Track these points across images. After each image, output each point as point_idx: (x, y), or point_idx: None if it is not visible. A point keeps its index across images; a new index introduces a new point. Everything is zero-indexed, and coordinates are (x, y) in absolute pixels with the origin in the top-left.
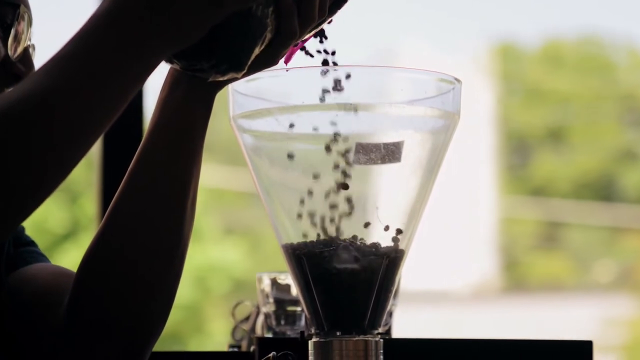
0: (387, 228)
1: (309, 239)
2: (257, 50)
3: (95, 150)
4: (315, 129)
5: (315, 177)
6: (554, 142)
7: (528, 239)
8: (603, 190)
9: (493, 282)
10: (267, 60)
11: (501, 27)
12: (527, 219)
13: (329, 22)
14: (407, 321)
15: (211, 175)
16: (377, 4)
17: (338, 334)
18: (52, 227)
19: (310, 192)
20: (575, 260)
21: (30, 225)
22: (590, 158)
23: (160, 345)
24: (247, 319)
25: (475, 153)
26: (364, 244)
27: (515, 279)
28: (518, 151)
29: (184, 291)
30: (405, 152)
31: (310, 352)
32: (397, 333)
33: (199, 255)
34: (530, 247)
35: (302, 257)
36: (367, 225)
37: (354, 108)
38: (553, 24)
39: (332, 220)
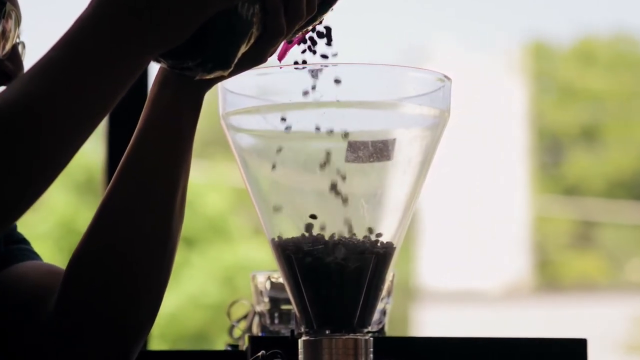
0: (374, 232)
1: (297, 237)
2: (243, 48)
3: (101, 148)
4: (304, 126)
5: (304, 174)
6: (587, 141)
7: (561, 237)
8: (637, 189)
9: (526, 281)
10: (255, 58)
11: (534, 25)
12: (560, 218)
13: (320, 22)
14: (438, 320)
15: (239, 176)
16: (409, 3)
17: (327, 332)
18: (81, 227)
19: (298, 190)
20: (608, 259)
21: (59, 226)
22: (624, 156)
23: (187, 344)
24: (245, 317)
25: (508, 152)
26: (353, 241)
27: (548, 278)
28: (551, 150)
29: (212, 291)
30: (395, 150)
31: (300, 350)
32: (428, 332)
33: (227, 255)
34: (563, 246)
35: (291, 254)
36: (356, 222)
37: (342, 106)
38: (586, 22)
39: (320, 217)
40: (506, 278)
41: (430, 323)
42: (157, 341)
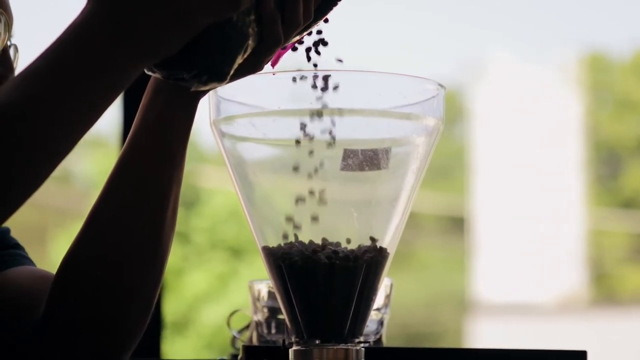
0: (365, 240)
1: (287, 245)
2: (239, 59)
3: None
4: (295, 134)
5: (295, 181)
6: None
7: (618, 251)
8: None
9: (581, 294)
10: (251, 67)
11: (591, 38)
12: (616, 231)
13: (319, 28)
14: (493, 333)
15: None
16: (465, 15)
17: (317, 342)
18: None
19: (288, 197)
20: None
21: None
22: None
23: (223, 353)
24: (248, 327)
25: (564, 164)
26: (343, 249)
27: (605, 291)
28: (608, 162)
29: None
30: (387, 159)
31: None
32: (482, 344)
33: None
34: (620, 259)
35: (281, 263)
36: (347, 230)
37: (335, 113)
38: None
39: (311, 225)
40: (562, 291)
41: (485, 335)
42: (204, 351)
